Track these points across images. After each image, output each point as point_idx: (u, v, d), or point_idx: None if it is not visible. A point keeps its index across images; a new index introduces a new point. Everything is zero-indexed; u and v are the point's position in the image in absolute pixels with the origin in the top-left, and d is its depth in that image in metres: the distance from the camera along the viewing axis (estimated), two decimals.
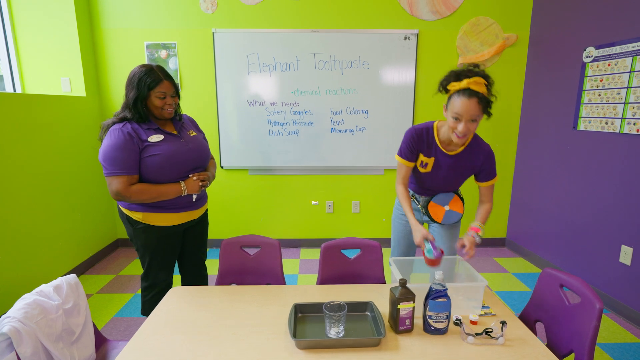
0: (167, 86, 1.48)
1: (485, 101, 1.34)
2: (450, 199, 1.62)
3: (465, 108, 1.33)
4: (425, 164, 1.55)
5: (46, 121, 2.48)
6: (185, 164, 1.54)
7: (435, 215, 1.63)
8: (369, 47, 2.98)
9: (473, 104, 1.32)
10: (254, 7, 2.93)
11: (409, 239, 1.74)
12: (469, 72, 1.35)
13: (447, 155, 1.52)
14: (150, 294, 1.66)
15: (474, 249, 1.44)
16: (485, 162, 1.50)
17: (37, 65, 2.82)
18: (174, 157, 1.50)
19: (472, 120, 1.35)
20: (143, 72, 1.46)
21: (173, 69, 3.01)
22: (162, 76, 1.48)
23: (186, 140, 1.58)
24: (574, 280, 1.19)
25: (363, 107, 3.08)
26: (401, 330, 1.13)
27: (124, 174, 1.41)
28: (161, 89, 1.46)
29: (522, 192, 3.17)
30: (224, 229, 3.29)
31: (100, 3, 2.90)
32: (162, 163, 1.47)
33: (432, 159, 1.53)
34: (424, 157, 1.54)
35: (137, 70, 1.47)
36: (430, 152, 1.53)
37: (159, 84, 1.46)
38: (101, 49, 2.98)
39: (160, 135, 1.50)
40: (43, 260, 2.42)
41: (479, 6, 2.96)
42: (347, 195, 3.28)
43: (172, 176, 1.51)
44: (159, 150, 1.47)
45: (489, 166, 1.51)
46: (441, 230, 1.68)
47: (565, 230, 2.68)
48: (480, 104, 1.33)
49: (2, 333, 0.96)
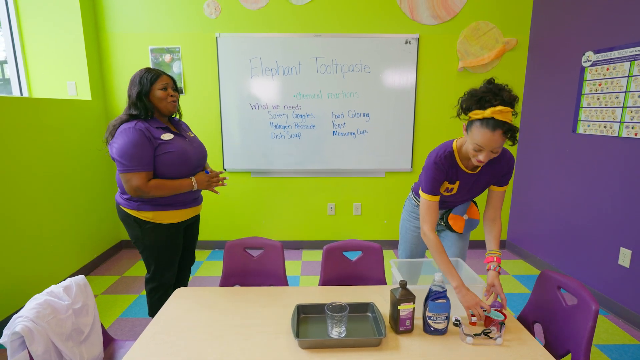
0: (167, 79, 1.59)
1: (511, 131, 1.20)
2: (468, 207, 1.62)
3: (488, 141, 1.20)
4: (450, 189, 1.45)
5: (52, 124, 2.52)
6: (192, 161, 1.63)
7: (455, 226, 1.60)
8: (370, 52, 3.01)
9: (497, 136, 1.18)
10: (256, 12, 2.98)
11: (420, 247, 1.73)
12: (493, 99, 1.19)
13: (470, 175, 1.43)
14: (157, 295, 1.70)
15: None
16: (504, 167, 1.41)
17: (44, 69, 2.87)
18: (185, 154, 1.59)
19: (494, 152, 1.24)
20: (143, 70, 1.57)
21: (177, 73, 3.05)
22: (162, 71, 1.61)
23: (189, 140, 1.68)
24: (571, 282, 1.22)
25: (364, 110, 3.11)
26: (401, 330, 1.16)
27: (143, 170, 1.48)
28: (162, 81, 1.56)
29: (522, 195, 3.19)
30: (226, 231, 3.32)
31: (106, 8, 2.95)
32: (176, 160, 1.55)
33: (457, 183, 1.44)
34: (449, 184, 1.44)
35: (137, 72, 1.58)
36: (455, 177, 1.42)
37: (160, 77, 1.56)
38: (106, 53, 3.02)
39: (170, 134, 1.58)
40: (49, 260, 2.46)
41: (479, 11, 3.00)
42: (349, 198, 3.31)
43: (183, 172, 1.59)
44: (173, 148, 1.55)
45: (508, 170, 1.42)
46: (453, 237, 1.67)
47: (565, 233, 2.70)
48: (505, 136, 1.20)
49: (15, 332, 0.99)
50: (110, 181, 3.18)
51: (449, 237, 1.68)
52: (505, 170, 1.41)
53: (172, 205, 1.62)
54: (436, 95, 3.12)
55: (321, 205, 3.31)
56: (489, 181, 1.45)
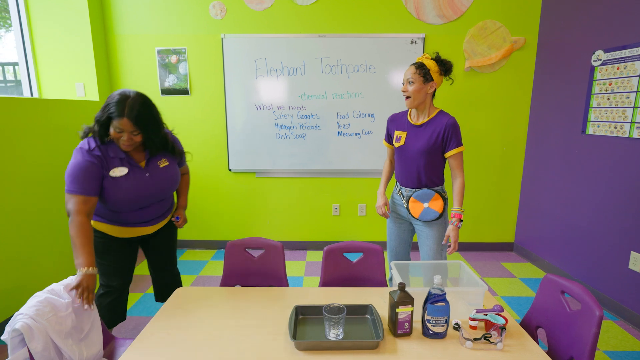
0: (125, 123, 1.36)
1: (421, 67, 1.67)
2: (431, 197, 1.75)
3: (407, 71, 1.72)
4: (399, 137, 1.80)
5: (61, 125, 2.57)
6: (144, 198, 1.53)
7: (413, 210, 1.78)
8: (376, 52, 2.99)
9: (411, 69, 1.69)
10: (261, 12, 2.98)
11: (400, 237, 1.92)
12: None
13: (414, 126, 1.76)
14: (107, 300, 1.64)
15: (456, 243, 1.69)
16: (448, 129, 1.67)
17: (53, 71, 2.92)
18: (133, 193, 1.48)
19: (409, 82, 1.68)
20: (114, 100, 1.38)
21: (183, 74, 3.08)
22: (126, 113, 1.36)
23: (151, 174, 1.53)
24: (575, 286, 1.19)
25: (369, 110, 3.10)
26: (400, 333, 1.15)
27: (82, 194, 1.37)
28: (118, 124, 1.36)
29: (530, 197, 3.14)
30: (231, 231, 3.34)
31: (114, 10, 2.99)
32: (120, 198, 1.46)
33: (404, 132, 1.79)
34: (398, 131, 1.82)
35: (114, 94, 1.40)
36: (403, 127, 1.81)
37: (117, 119, 1.36)
38: (114, 54, 3.07)
39: (124, 168, 1.46)
40: (55, 258, 2.50)
41: (486, 10, 2.96)
42: (354, 199, 3.29)
43: (127, 208, 1.51)
44: (119, 185, 1.44)
45: (452, 134, 1.67)
46: (426, 229, 1.78)
47: (574, 236, 2.64)
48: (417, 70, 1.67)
49: (15, 329, 1.01)
50: None
51: (423, 231, 1.80)
52: (449, 133, 1.67)
53: (111, 221, 1.54)
54: (441, 95, 3.09)
55: (326, 205, 3.31)
56: (431, 141, 1.70)
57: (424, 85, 1.67)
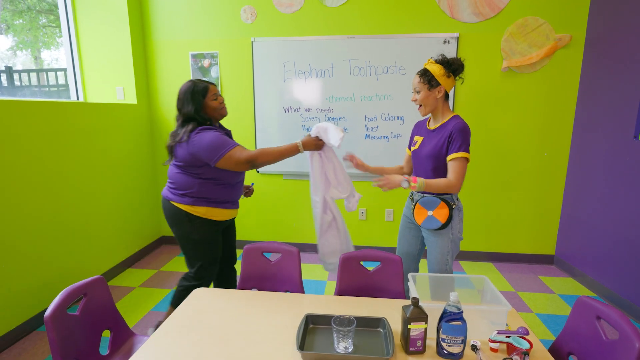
0: (214, 88, 1.70)
1: (425, 75, 1.66)
2: (437, 205, 1.68)
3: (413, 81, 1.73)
4: (415, 142, 1.82)
5: (103, 127, 2.73)
6: None
7: (417, 216, 1.72)
8: (406, 52, 2.91)
9: (415, 77, 1.70)
10: (291, 15, 3.00)
11: (408, 242, 1.90)
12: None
13: (429, 130, 1.76)
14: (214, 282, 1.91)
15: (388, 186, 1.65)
16: (453, 133, 1.60)
17: (96, 76, 3.11)
18: None
19: (416, 91, 1.70)
20: (191, 86, 1.65)
21: (215, 77, 3.17)
22: (207, 82, 1.69)
23: None
24: (613, 312, 1.07)
25: (398, 113, 3.01)
26: (412, 351, 1.09)
27: (237, 145, 1.62)
28: (212, 92, 1.68)
29: (574, 207, 2.90)
30: (257, 233, 3.38)
31: (152, 17, 3.14)
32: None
33: (422, 137, 1.80)
34: (417, 136, 1.84)
35: (184, 87, 1.66)
36: (422, 132, 1.82)
37: (209, 89, 1.66)
38: (151, 59, 3.22)
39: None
40: (95, 253, 2.66)
41: (527, 6, 2.77)
42: (381, 203, 3.22)
43: (234, 180, 1.76)
44: None
45: (455, 138, 1.60)
46: (432, 239, 1.73)
47: (622, 251, 2.40)
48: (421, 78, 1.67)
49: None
50: (154, 180, 3.38)
51: (426, 239, 1.77)
52: (454, 136, 1.60)
53: (223, 203, 1.73)
54: (477, 97, 2.94)
55: None
56: (439, 143, 1.65)
57: (431, 91, 1.66)
